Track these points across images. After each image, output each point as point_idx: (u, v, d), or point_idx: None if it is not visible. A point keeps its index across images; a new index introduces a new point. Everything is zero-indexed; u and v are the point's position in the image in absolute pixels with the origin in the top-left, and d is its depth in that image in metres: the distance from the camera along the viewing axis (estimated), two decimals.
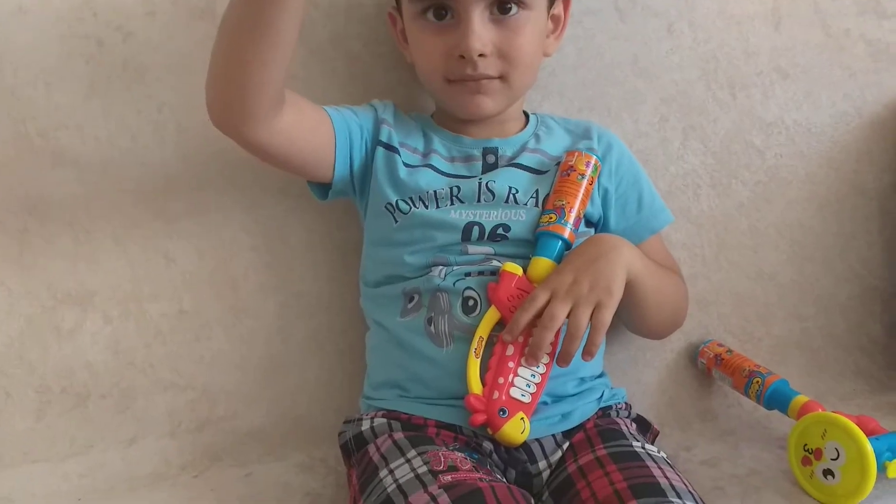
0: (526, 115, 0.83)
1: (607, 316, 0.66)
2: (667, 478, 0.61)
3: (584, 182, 0.74)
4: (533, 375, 0.68)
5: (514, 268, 0.70)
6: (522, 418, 0.67)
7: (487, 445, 0.68)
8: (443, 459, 0.62)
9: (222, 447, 0.83)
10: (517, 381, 0.68)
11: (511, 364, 0.68)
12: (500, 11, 0.71)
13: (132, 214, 0.85)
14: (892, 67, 0.96)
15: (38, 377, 0.83)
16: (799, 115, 0.95)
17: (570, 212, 0.72)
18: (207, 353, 0.85)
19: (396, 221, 0.74)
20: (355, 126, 0.76)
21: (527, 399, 0.67)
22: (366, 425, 0.71)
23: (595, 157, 0.76)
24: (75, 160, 0.84)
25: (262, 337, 0.87)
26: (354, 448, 0.71)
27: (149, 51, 0.84)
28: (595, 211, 0.77)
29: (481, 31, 0.70)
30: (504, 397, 0.67)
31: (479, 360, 0.68)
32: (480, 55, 0.71)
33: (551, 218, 0.72)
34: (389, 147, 0.76)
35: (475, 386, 0.67)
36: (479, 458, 0.66)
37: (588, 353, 0.66)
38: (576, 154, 0.75)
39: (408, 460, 0.63)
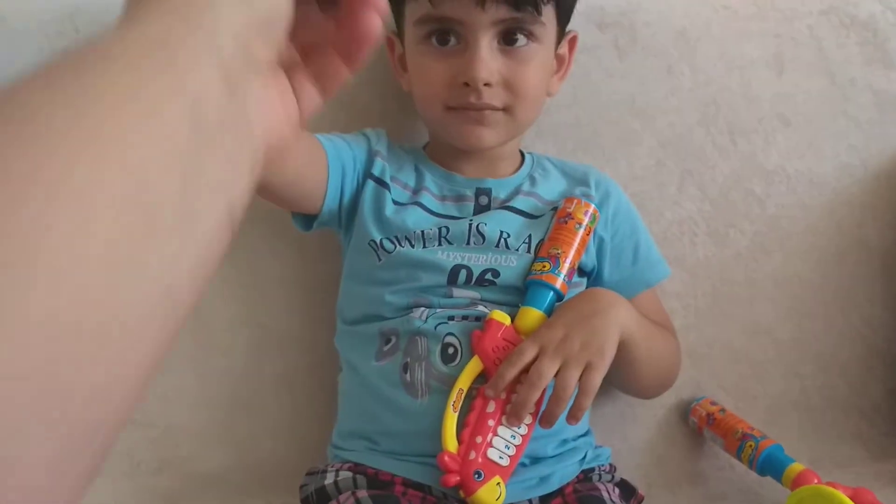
0: (521, 154, 0.80)
1: (597, 379, 0.62)
2: None
3: (581, 231, 0.70)
4: (513, 436, 0.63)
5: (502, 316, 0.66)
6: (499, 483, 0.62)
7: None
8: None
9: (180, 492, 0.79)
10: (496, 441, 0.62)
11: (491, 422, 0.63)
12: (507, 42, 0.69)
13: None
14: None
15: None
16: (801, 164, 0.91)
17: (564, 261, 0.68)
18: (172, 390, 0.81)
19: (380, 260, 0.71)
20: (348, 158, 0.72)
21: (505, 462, 0.62)
22: (329, 479, 0.66)
23: (594, 205, 0.72)
24: None
25: (230, 374, 0.82)
26: (317, 502, 0.66)
27: None
28: (589, 261, 0.73)
29: (489, 59, 0.67)
30: (481, 458, 0.62)
31: (456, 415, 0.63)
32: (486, 84, 0.68)
33: (545, 266, 0.68)
34: (381, 182, 0.73)
35: (450, 443, 0.62)
36: None
37: (573, 416, 0.62)
38: (574, 201, 0.72)
39: None
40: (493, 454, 0.62)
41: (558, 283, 0.68)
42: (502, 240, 0.70)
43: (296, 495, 0.71)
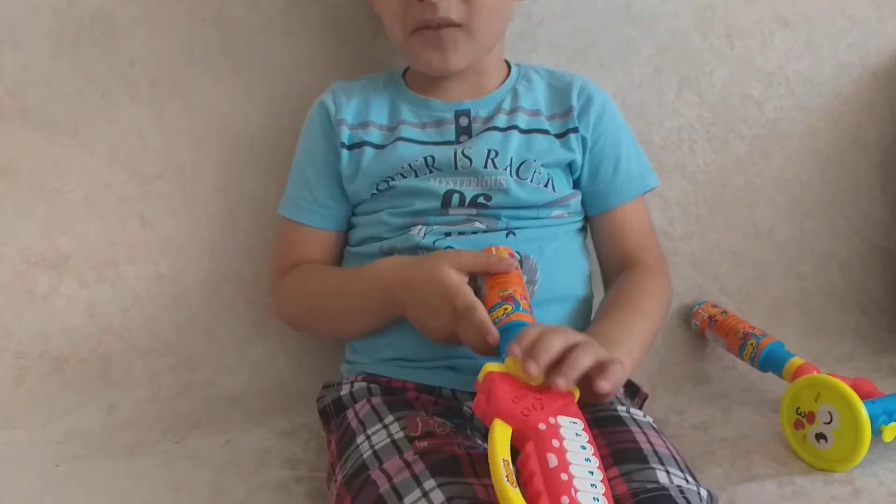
0: (508, 66, 0.79)
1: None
2: (650, 443, 0.59)
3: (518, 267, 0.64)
4: (591, 472, 0.50)
5: (496, 366, 0.55)
6: None
7: (468, 409, 0.66)
8: (420, 425, 0.60)
9: (202, 413, 0.82)
10: (580, 494, 0.49)
11: (564, 476, 0.49)
12: None
13: (105, 176, 0.82)
14: None
15: (14, 342, 0.81)
16: (799, 65, 0.91)
17: (520, 298, 0.61)
18: (186, 319, 0.83)
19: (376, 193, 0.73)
20: (326, 203, 0.75)
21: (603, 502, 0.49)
22: (345, 390, 0.69)
23: (513, 251, 0.66)
24: (45, 120, 0.81)
25: (242, 302, 0.84)
26: (333, 413, 0.69)
27: (118, 3, 0.81)
28: (577, 162, 0.74)
29: None
30: None
31: (518, 489, 0.49)
32: None
33: (506, 309, 0.60)
34: (352, 146, 0.73)
35: None
36: (460, 423, 0.64)
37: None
38: (493, 249, 0.66)
39: (385, 426, 0.61)
40: (585, 499, 0.49)
41: (528, 318, 0.60)
42: (489, 160, 0.71)
43: (313, 412, 0.74)
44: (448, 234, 0.69)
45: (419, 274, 0.64)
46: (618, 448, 0.58)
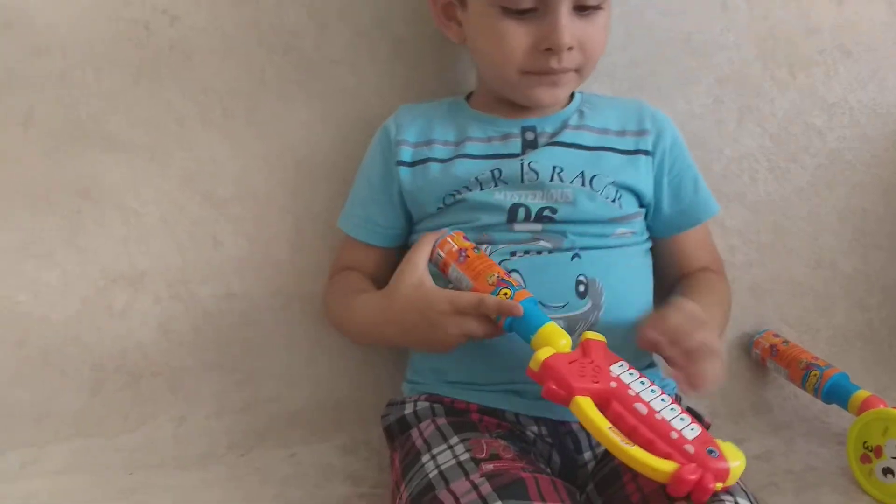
0: (571, 95, 0.81)
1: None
2: None
3: (479, 251, 0.68)
4: (664, 401, 0.57)
5: (543, 353, 0.58)
6: (725, 443, 0.56)
7: (531, 434, 0.67)
8: (485, 447, 0.61)
9: (267, 428, 0.84)
10: (674, 422, 0.55)
11: (658, 416, 0.55)
12: (581, 7, 0.69)
13: (179, 198, 0.86)
14: None
15: (92, 356, 0.84)
16: (864, 95, 0.90)
17: (506, 277, 0.65)
18: (253, 336, 0.86)
19: (443, 208, 0.74)
20: (377, 221, 0.79)
21: (696, 429, 0.55)
22: (409, 409, 0.71)
23: (458, 230, 0.70)
24: (125, 144, 0.85)
25: (307, 320, 0.87)
26: (398, 431, 0.71)
27: (195, 34, 0.85)
28: (647, 191, 0.75)
29: (570, 25, 0.68)
30: (693, 446, 0.54)
31: (636, 446, 0.53)
32: (569, 48, 0.69)
33: (506, 294, 0.63)
34: (413, 163, 0.76)
35: (665, 464, 0.52)
36: (523, 447, 0.65)
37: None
38: (446, 239, 0.68)
39: (450, 447, 0.63)
40: (689, 433, 0.55)
41: (527, 293, 0.63)
42: (556, 175, 0.72)
43: (374, 429, 0.76)
44: (513, 254, 0.70)
45: (396, 306, 0.68)
46: None
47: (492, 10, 0.70)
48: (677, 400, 0.73)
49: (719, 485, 0.53)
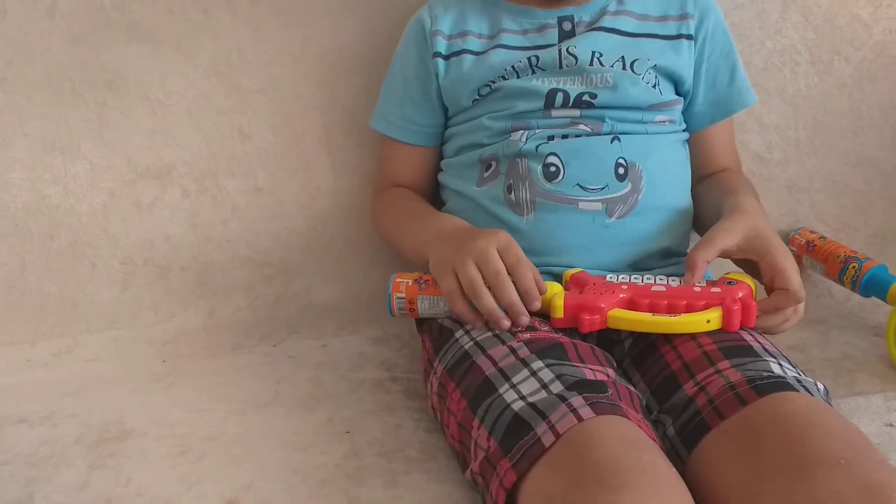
0: None
1: None
2: (759, 342, 0.58)
3: None
4: (671, 279, 0.64)
5: (559, 300, 0.60)
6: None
7: None
8: None
9: (298, 321, 0.84)
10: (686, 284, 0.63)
11: (675, 286, 0.63)
12: None
13: (206, 90, 0.84)
14: None
15: (121, 249, 0.85)
16: None
17: None
18: (283, 231, 0.86)
19: (478, 99, 0.73)
20: (413, 119, 0.77)
21: (702, 280, 0.63)
22: None
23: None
24: (149, 33, 0.83)
25: (336, 216, 0.86)
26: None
27: None
28: (687, 76, 0.72)
29: None
30: (711, 286, 0.62)
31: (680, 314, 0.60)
32: None
33: None
34: (448, 56, 0.74)
35: (713, 311, 0.59)
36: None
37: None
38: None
39: (484, 322, 0.62)
40: (701, 285, 0.62)
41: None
42: (595, 59, 0.70)
43: (404, 324, 0.76)
44: (551, 138, 0.69)
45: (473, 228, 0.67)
46: (726, 345, 0.58)
47: None
48: None
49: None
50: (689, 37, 0.72)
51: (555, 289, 0.62)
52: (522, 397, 0.52)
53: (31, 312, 0.84)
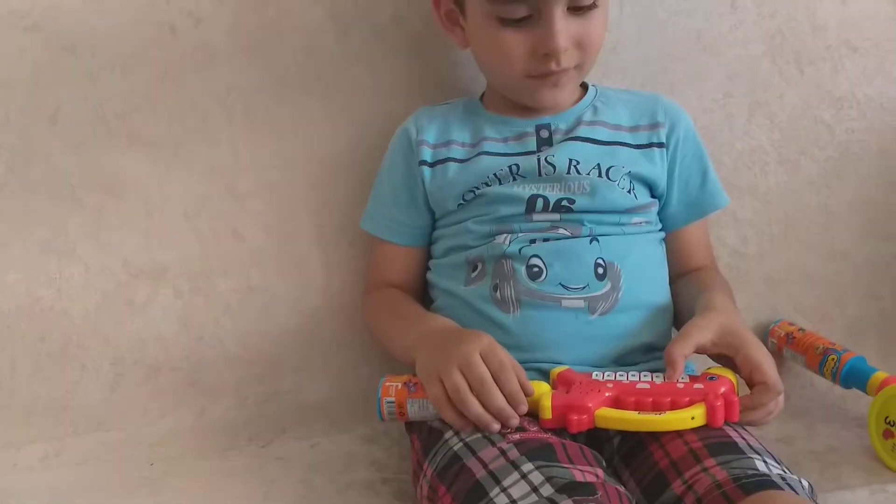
0: (585, 87, 0.82)
1: None
2: (744, 438, 0.60)
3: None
4: (654, 375, 0.66)
5: (546, 399, 0.62)
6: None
7: None
8: None
9: (288, 420, 0.84)
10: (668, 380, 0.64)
11: (658, 382, 0.64)
12: (576, 7, 0.70)
13: (202, 192, 0.87)
14: None
15: (112, 349, 0.85)
16: (871, 89, 0.92)
17: None
18: (274, 328, 0.87)
19: (463, 203, 0.76)
20: (401, 221, 0.80)
21: (684, 376, 0.65)
22: None
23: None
24: (149, 140, 0.86)
25: (327, 313, 0.88)
26: None
27: (219, 35, 0.87)
28: (660, 182, 0.76)
29: (564, 27, 0.70)
30: (693, 382, 0.63)
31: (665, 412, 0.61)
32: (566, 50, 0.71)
33: None
34: (434, 163, 0.78)
35: (696, 407, 0.60)
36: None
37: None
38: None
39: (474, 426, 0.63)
40: (684, 381, 0.64)
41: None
42: (573, 167, 0.74)
43: (394, 422, 0.76)
44: (533, 241, 0.71)
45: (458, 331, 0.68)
46: (711, 442, 0.59)
47: (489, 20, 0.71)
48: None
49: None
50: (660, 145, 0.77)
51: (542, 388, 0.63)
52: (513, 501, 0.52)
53: (19, 415, 0.83)
